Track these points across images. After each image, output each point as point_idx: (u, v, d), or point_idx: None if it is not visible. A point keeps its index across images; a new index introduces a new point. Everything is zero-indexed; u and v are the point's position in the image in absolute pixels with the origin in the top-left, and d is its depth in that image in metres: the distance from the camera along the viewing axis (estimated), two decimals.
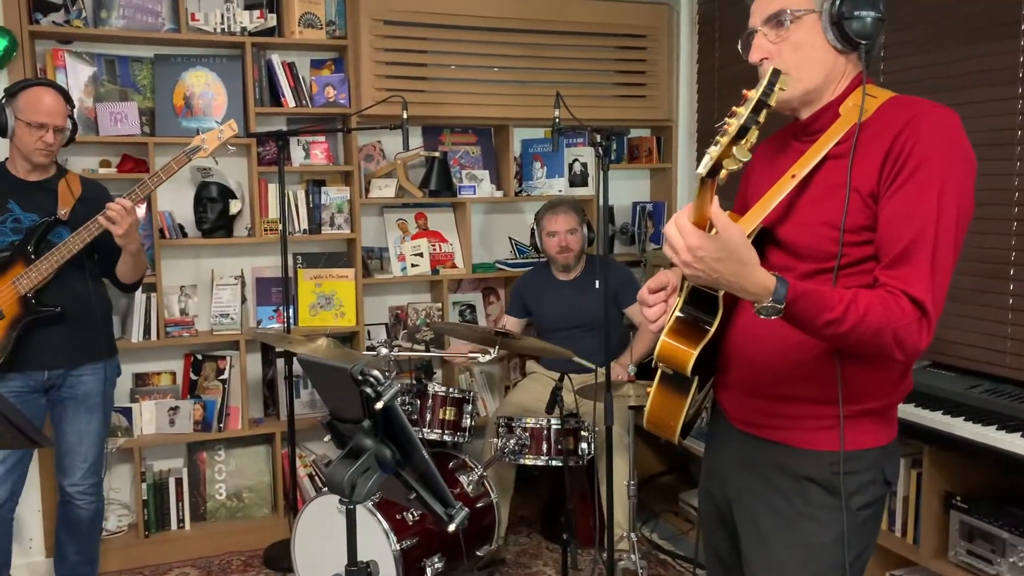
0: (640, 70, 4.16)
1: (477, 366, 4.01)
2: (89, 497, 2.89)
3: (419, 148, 3.96)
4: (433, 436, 3.15)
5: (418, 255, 3.93)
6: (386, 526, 2.72)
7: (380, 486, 1.60)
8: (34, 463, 3.32)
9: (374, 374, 1.52)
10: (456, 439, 3.18)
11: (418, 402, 3.16)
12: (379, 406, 1.52)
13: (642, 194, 4.44)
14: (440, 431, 3.15)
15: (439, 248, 4.02)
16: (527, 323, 3.75)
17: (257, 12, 3.54)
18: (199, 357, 3.67)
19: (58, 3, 3.36)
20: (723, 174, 1.19)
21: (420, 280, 4.01)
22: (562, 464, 3.05)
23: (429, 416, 3.15)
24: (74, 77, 3.43)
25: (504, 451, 3.10)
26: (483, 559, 3.13)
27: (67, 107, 2.74)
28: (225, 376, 3.63)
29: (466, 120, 4.02)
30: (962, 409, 2.51)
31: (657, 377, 1.61)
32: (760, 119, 1.16)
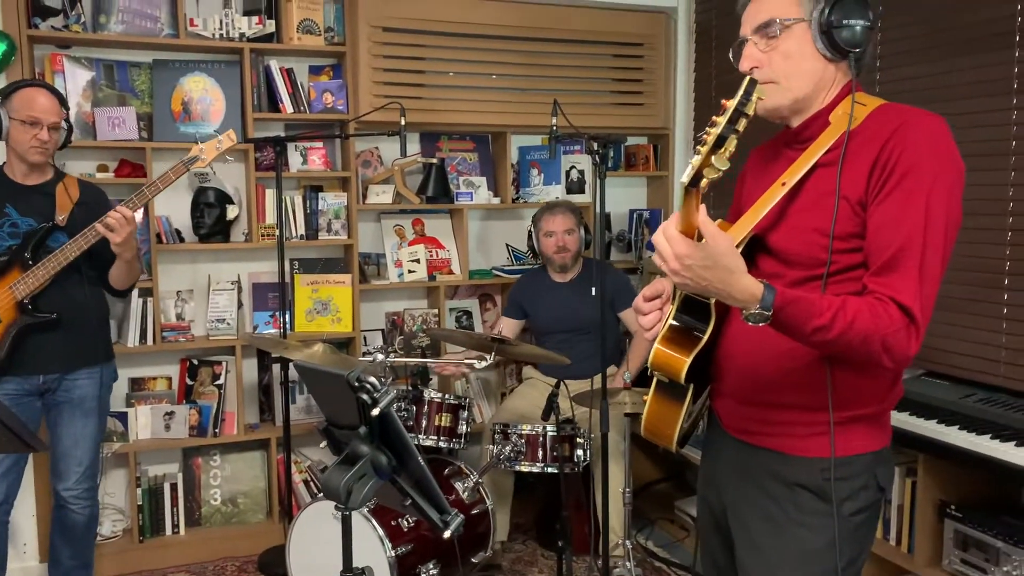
0: (637, 78, 4.17)
1: (473, 372, 4.01)
2: (84, 502, 2.88)
3: (417, 154, 3.97)
4: (429, 442, 3.15)
5: (415, 261, 3.94)
6: (381, 532, 2.71)
7: (376, 492, 1.60)
8: (29, 467, 3.31)
9: (371, 380, 1.52)
10: (452, 445, 3.18)
11: (414, 408, 3.16)
12: (375, 412, 1.52)
13: (639, 201, 4.45)
14: (436, 437, 3.15)
15: (436, 254, 4.03)
16: (523, 327, 3.76)
17: (256, 18, 3.55)
18: (195, 362, 3.67)
19: (57, 8, 3.37)
20: (704, 183, 1.21)
21: (417, 286, 4.01)
22: (558, 471, 3.05)
23: (425, 422, 3.15)
24: (72, 82, 3.43)
25: (500, 458, 3.10)
26: (478, 566, 3.13)
27: (61, 108, 2.74)
28: (221, 381, 3.63)
29: (464, 127, 4.03)
30: (956, 418, 2.52)
31: (653, 385, 1.62)
32: (739, 128, 1.17)
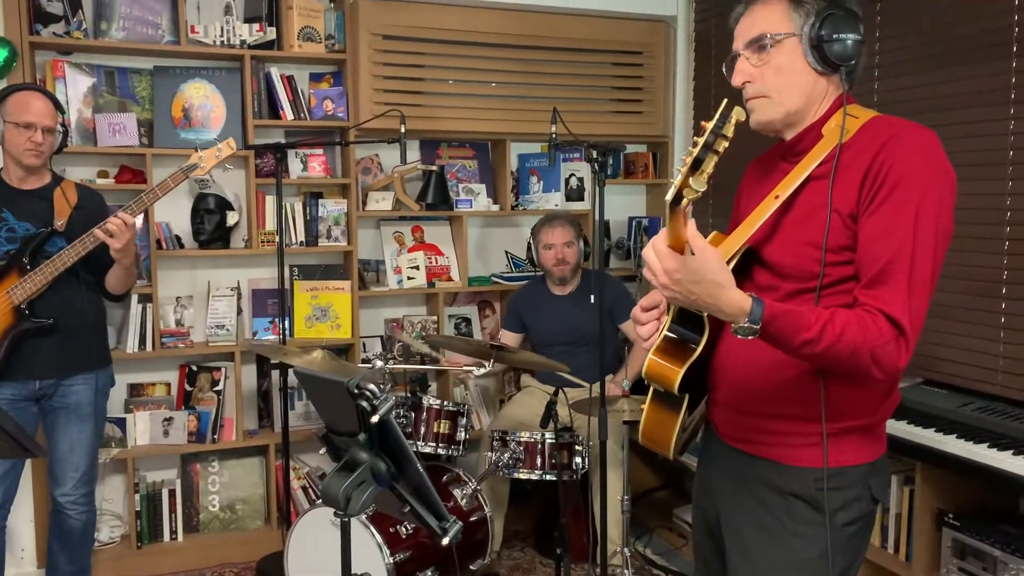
0: (637, 86, 4.19)
1: (472, 379, 4.02)
2: (81, 507, 2.88)
3: (416, 162, 3.98)
4: (427, 449, 3.15)
5: (414, 268, 3.94)
6: (379, 539, 2.71)
7: (375, 499, 1.61)
8: (27, 473, 3.31)
9: (370, 388, 1.52)
10: (450, 452, 3.18)
11: (412, 415, 3.16)
12: (375, 420, 1.53)
13: (638, 209, 4.46)
14: (434, 444, 3.15)
15: (435, 261, 4.04)
16: (524, 338, 3.76)
17: (257, 25, 3.56)
18: (194, 368, 3.67)
19: (59, 15, 3.38)
20: (684, 202, 1.23)
21: (416, 293, 4.01)
22: (556, 478, 3.05)
23: (423, 429, 3.15)
24: (73, 88, 3.44)
25: (498, 465, 3.10)
26: (476, 573, 3.13)
27: (56, 112, 2.74)
28: (220, 387, 3.63)
29: (463, 134, 4.04)
30: (954, 427, 2.53)
31: (650, 394, 1.63)
32: (719, 149, 1.18)
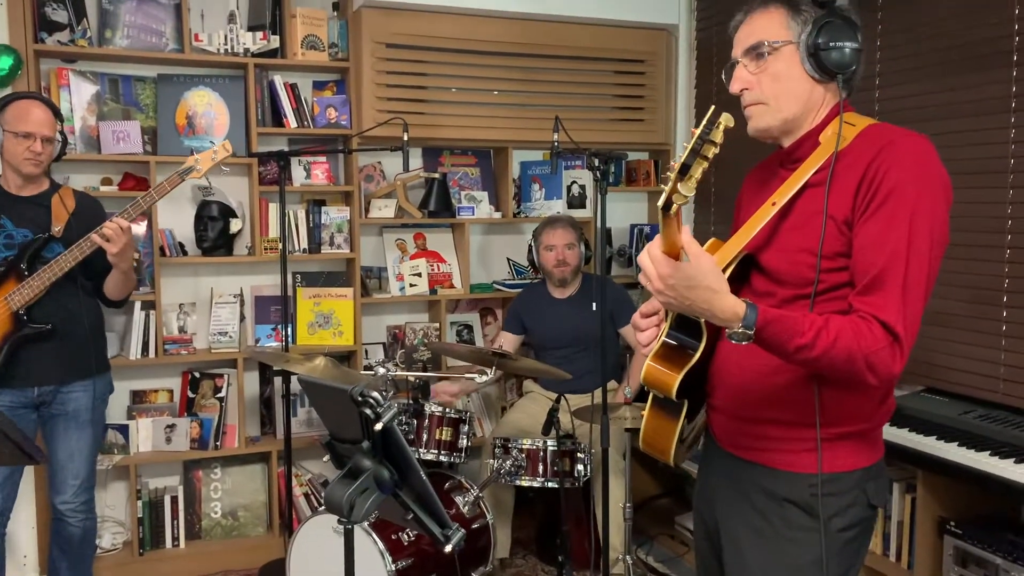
0: (638, 94, 4.20)
1: (475, 386, 4.02)
2: (81, 515, 2.87)
3: (419, 169, 4.00)
4: (429, 456, 3.15)
5: (416, 275, 3.95)
6: (382, 547, 2.72)
7: (378, 506, 1.61)
8: (29, 479, 3.32)
9: (373, 395, 1.53)
10: (452, 459, 3.18)
11: (415, 422, 3.16)
12: (378, 427, 1.53)
13: (640, 216, 4.48)
14: (436, 451, 3.15)
15: (437, 268, 4.05)
16: (523, 341, 3.77)
17: (260, 33, 3.58)
18: (197, 375, 3.68)
19: (63, 23, 3.40)
20: (674, 208, 1.24)
21: (418, 300, 4.02)
22: (558, 486, 3.05)
23: (426, 436, 3.15)
24: (77, 95, 3.46)
25: (500, 472, 3.10)
26: None
27: (55, 120, 2.74)
28: (222, 394, 3.64)
29: (466, 142, 4.05)
30: (956, 434, 2.53)
31: (649, 400, 1.64)
32: (708, 155, 1.19)
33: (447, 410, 3.19)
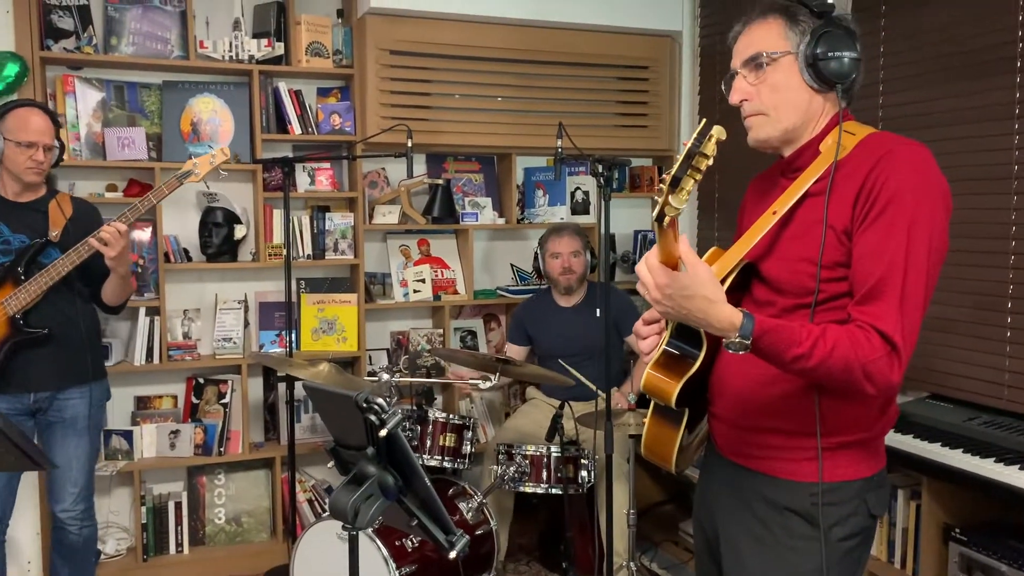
0: (642, 100, 4.21)
1: (477, 392, 4.02)
2: (81, 522, 2.86)
3: (423, 175, 4.01)
4: (433, 462, 3.15)
5: (420, 281, 3.96)
6: (386, 553, 2.72)
7: (382, 512, 1.61)
8: (32, 484, 3.33)
9: (378, 402, 1.54)
10: (456, 466, 3.19)
11: (418, 428, 3.16)
12: (383, 434, 1.53)
13: (643, 222, 4.48)
14: (440, 457, 3.16)
15: (441, 274, 4.05)
16: (530, 351, 3.76)
17: (265, 41, 3.59)
18: (201, 381, 3.68)
19: (69, 30, 3.41)
20: (666, 220, 1.24)
21: (422, 306, 4.03)
22: (562, 492, 3.05)
23: (429, 442, 3.15)
24: (83, 102, 3.48)
25: (504, 478, 3.10)
26: None
27: (54, 127, 2.74)
28: (226, 400, 3.64)
29: (469, 148, 4.06)
30: (961, 441, 2.52)
31: (651, 408, 1.65)
32: (700, 167, 1.19)
33: (451, 416, 3.19)
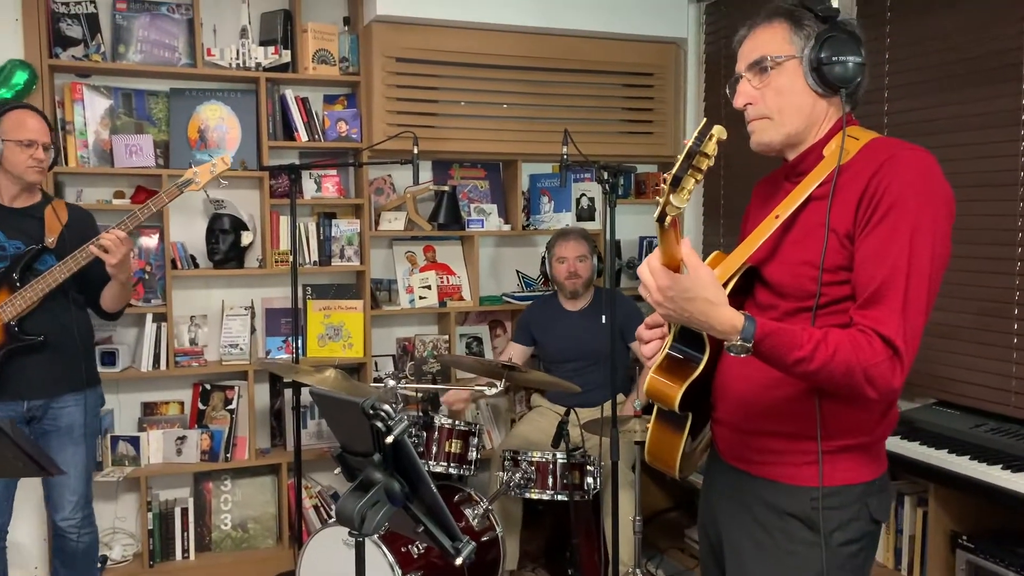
0: (647, 107, 4.22)
1: (483, 399, 4.02)
2: (82, 530, 2.86)
3: (429, 182, 4.02)
4: (439, 469, 3.15)
5: (426, 287, 3.96)
6: (391, 559, 2.72)
7: (389, 519, 1.62)
8: (37, 490, 3.32)
9: (385, 408, 1.54)
10: (462, 472, 3.18)
11: (424, 434, 3.17)
12: (389, 440, 1.54)
13: (649, 228, 4.48)
14: (446, 464, 3.16)
15: (447, 280, 4.06)
16: (532, 353, 3.77)
17: (272, 48, 3.61)
18: (207, 387, 3.69)
19: (78, 38, 3.44)
20: (668, 220, 1.24)
21: (428, 312, 4.03)
22: (568, 499, 3.05)
23: (435, 449, 3.15)
24: (91, 110, 3.50)
25: (510, 485, 3.10)
26: None
27: (49, 129, 2.75)
28: (233, 406, 3.65)
29: (475, 155, 4.07)
30: (967, 448, 2.52)
31: (654, 412, 1.64)
32: (701, 167, 1.19)
33: (456, 422, 3.20)
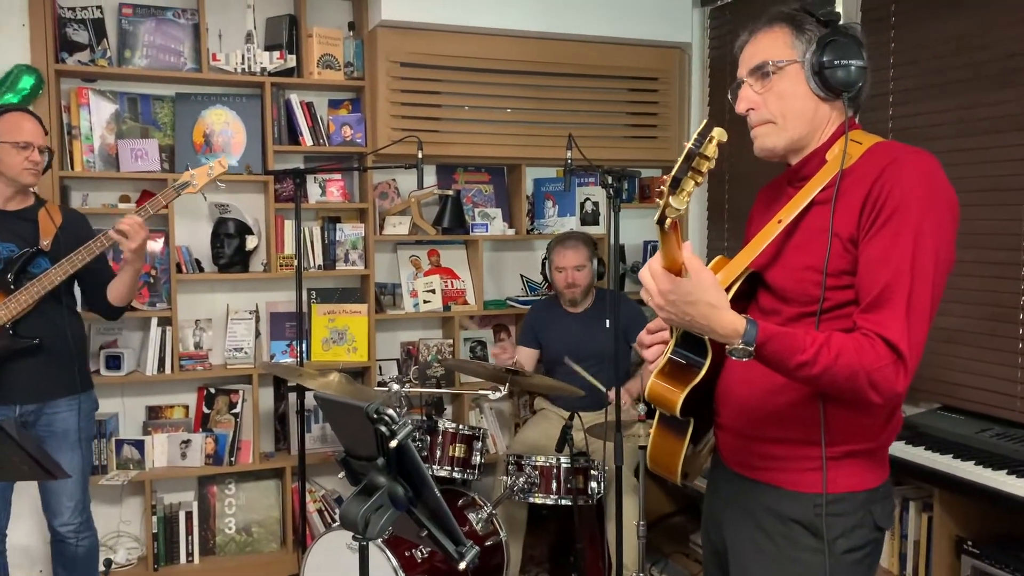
0: (652, 112, 4.22)
1: (487, 403, 4.02)
2: (82, 534, 2.86)
3: (433, 186, 4.02)
4: (443, 473, 3.15)
5: (430, 291, 3.97)
6: (395, 563, 2.72)
7: (393, 523, 1.62)
8: (35, 491, 3.33)
9: (389, 413, 1.54)
10: (466, 476, 3.18)
11: (428, 439, 3.17)
12: (393, 444, 1.54)
13: (653, 233, 4.44)
14: (450, 468, 3.16)
15: (451, 285, 4.06)
16: (540, 354, 3.76)
17: (277, 53, 3.62)
18: (212, 391, 3.70)
19: (84, 43, 3.45)
20: (668, 222, 1.24)
21: (432, 316, 4.04)
22: (572, 503, 3.05)
23: (439, 453, 3.15)
24: (97, 114, 3.51)
25: (513, 489, 3.10)
26: None
27: (44, 131, 2.75)
28: (237, 410, 3.66)
29: (479, 159, 4.07)
30: (973, 453, 2.51)
31: (656, 418, 1.63)
32: (701, 168, 1.18)
33: (460, 427, 3.19)
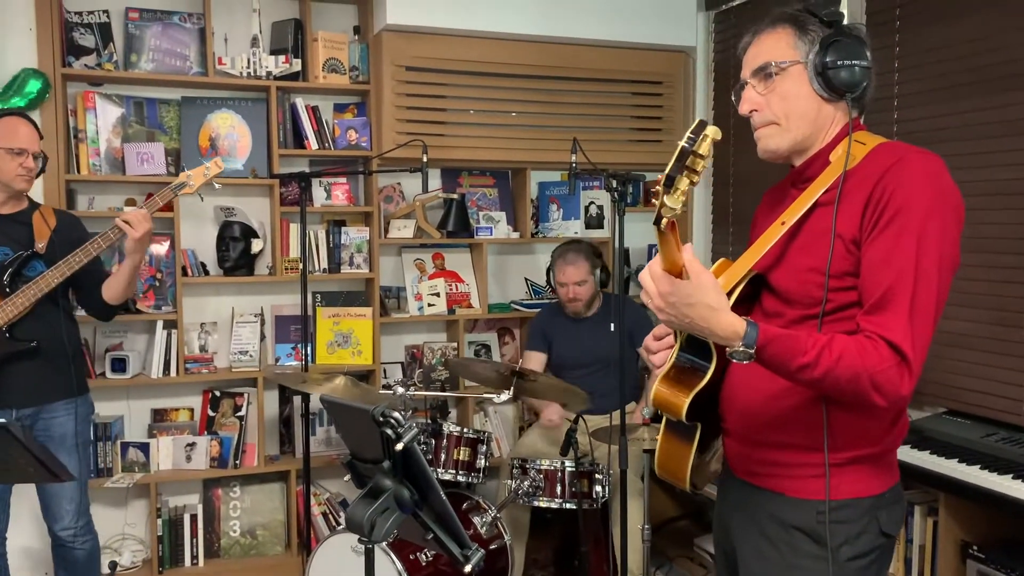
0: (656, 116, 4.22)
1: (492, 406, 4.02)
2: (82, 538, 2.86)
3: (438, 190, 4.03)
4: (447, 476, 3.15)
5: (435, 295, 3.97)
6: (400, 566, 2.72)
7: (398, 526, 1.62)
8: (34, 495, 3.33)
9: (395, 416, 1.54)
10: (470, 480, 3.18)
11: (433, 442, 3.17)
12: (399, 447, 1.54)
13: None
14: (454, 471, 3.16)
15: (456, 288, 4.06)
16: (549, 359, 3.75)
17: (283, 57, 3.63)
18: (217, 394, 3.70)
19: (90, 47, 3.47)
20: (664, 222, 1.24)
21: (436, 319, 4.04)
22: (576, 507, 3.04)
23: (444, 456, 3.15)
24: (103, 118, 3.52)
25: (518, 493, 3.10)
26: None
27: (39, 136, 2.75)
28: (242, 413, 3.66)
29: (484, 163, 4.08)
30: (978, 457, 2.50)
31: (663, 424, 1.61)
32: (696, 167, 1.18)
33: (465, 430, 3.20)
